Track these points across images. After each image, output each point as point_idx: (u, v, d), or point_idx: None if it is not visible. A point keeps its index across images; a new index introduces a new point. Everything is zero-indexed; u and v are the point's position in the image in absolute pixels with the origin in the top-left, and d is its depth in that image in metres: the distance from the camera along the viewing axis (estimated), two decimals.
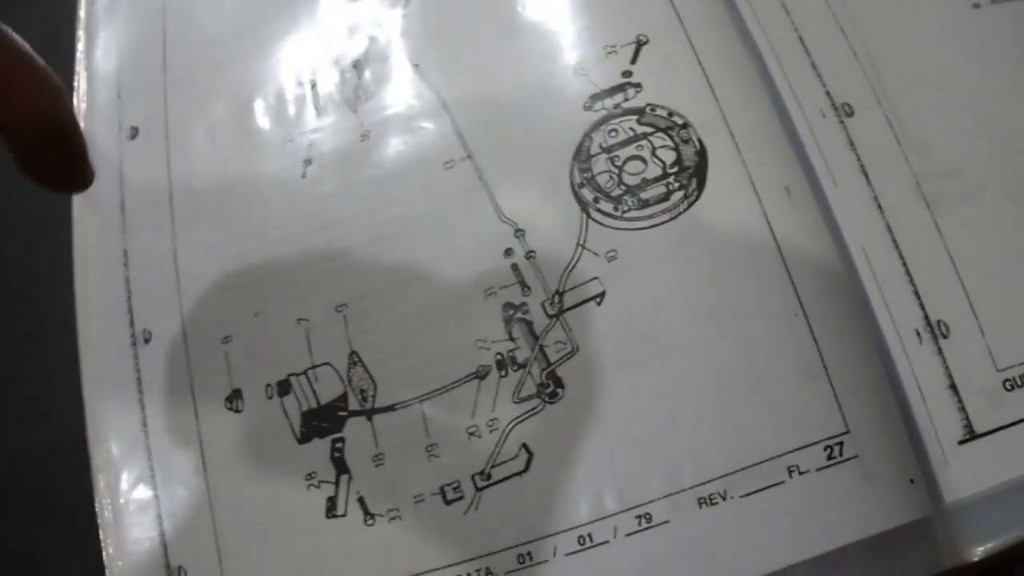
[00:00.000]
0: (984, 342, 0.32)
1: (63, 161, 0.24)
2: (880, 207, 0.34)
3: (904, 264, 0.33)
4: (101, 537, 0.33)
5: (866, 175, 0.34)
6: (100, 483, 0.34)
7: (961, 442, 0.31)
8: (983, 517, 0.31)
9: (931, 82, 0.35)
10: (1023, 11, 0.37)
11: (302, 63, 0.40)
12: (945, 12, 0.37)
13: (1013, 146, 0.34)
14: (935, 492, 0.30)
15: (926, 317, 0.32)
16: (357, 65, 0.39)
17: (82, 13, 0.44)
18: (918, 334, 0.32)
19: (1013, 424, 0.31)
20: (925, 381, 0.32)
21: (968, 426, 0.31)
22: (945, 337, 0.32)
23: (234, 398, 0.34)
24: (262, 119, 0.39)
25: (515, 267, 0.33)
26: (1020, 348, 0.32)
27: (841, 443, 0.30)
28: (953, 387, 0.31)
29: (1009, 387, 0.31)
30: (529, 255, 0.33)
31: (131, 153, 0.39)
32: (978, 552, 0.30)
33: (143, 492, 0.34)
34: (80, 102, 0.41)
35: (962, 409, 0.31)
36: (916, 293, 0.33)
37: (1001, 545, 0.30)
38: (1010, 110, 0.35)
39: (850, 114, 0.35)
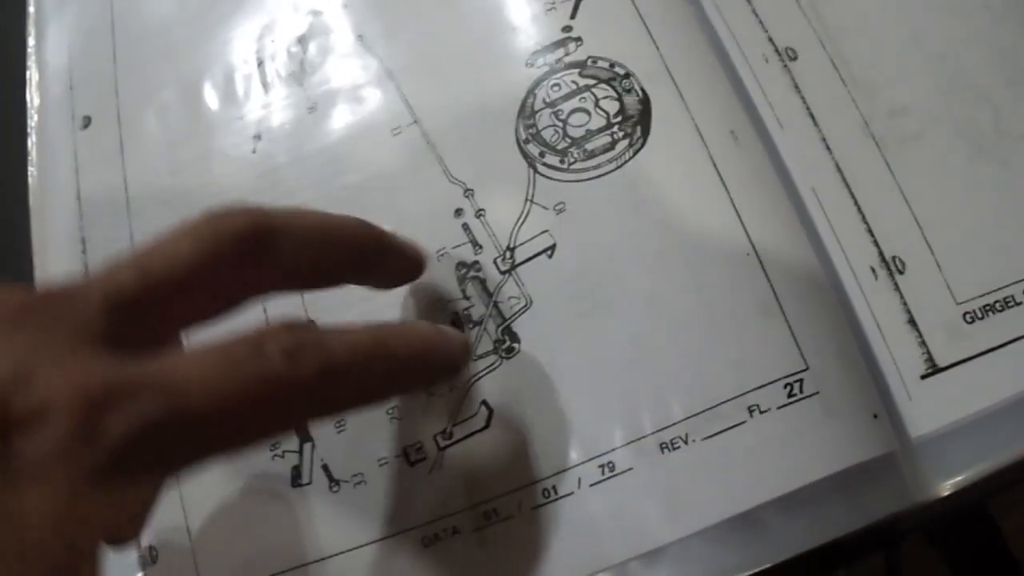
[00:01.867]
0: (941, 276, 0.32)
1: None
2: (828, 148, 0.34)
3: (856, 203, 0.33)
4: None
5: (812, 117, 0.34)
6: None
7: (924, 376, 0.31)
8: (950, 451, 0.30)
9: (875, 21, 0.35)
10: None
11: (248, 43, 0.40)
12: None
13: (959, 81, 0.34)
14: (900, 427, 0.30)
15: (880, 254, 0.32)
16: (302, 40, 0.39)
17: (32, 8, 0.44)
18: (873, 271, 0.32)
19: (975, 356, 0.31)
20: (883, 317, 0.32)
21: (930, 360, 0.31)
22: (901, 273, 0.32)
23: None
24: (211, 100, 0.39)
25: (466, 226, 0.33)
26: (978, 281, 0.32)
27: (801, 380, 0.30)
28: (912, 322, 0.31)
29: (969, 320, 0.31)
30: (479, 213, 0.33)
31: (84, 142, 0.39)
32: (947, 486, 0.30)
33: None
34: (33, 95, 0.42)
35: (923, 344, 0.31)
36: (869, 231, 0.32)
37: (970, 479, 0.30)
38: (954, 46, 0.35)
39: (794, 58, 0.35)
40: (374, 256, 0.27)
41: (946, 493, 0.30)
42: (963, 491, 0.30)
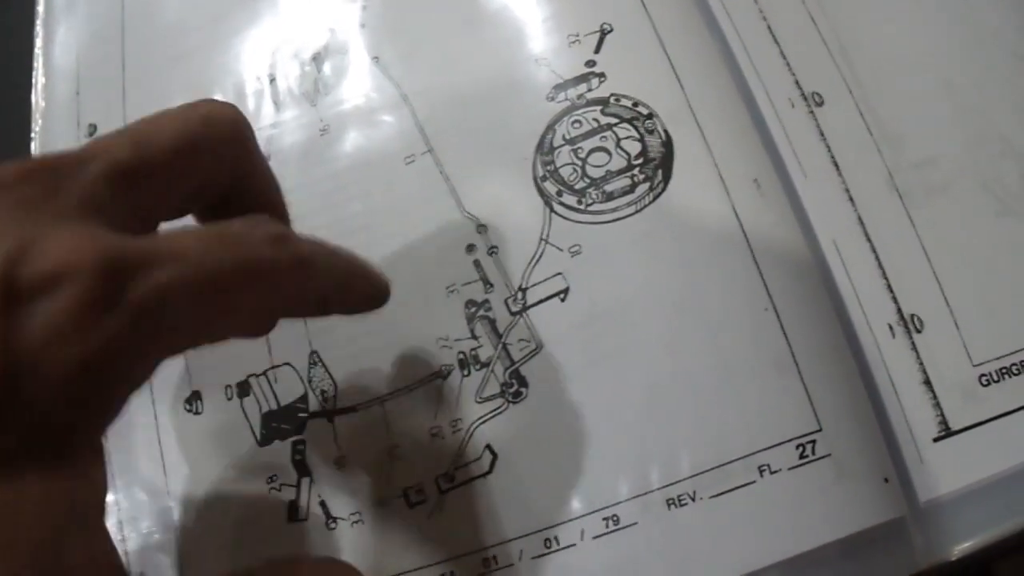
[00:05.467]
0: (959, 336, 0.31)
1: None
2: (851, 199, 0.33)
3: (876, 257, 0.32)
4: None
5: (837, 166, 0.33)
6: None
7: (936, 439, 0.30)
8: (960, 516, 0.30)
9: (904, 70, 0.35)
10: None
11: (261, 57, 0.39)
12: None
13: (987, 134, 0.34)
14: (910, 491, 0.30)
15: (899, 311, 0.31)
16: (316, 58, 0.38)
17: (40, 8, 0.43)
18: (891, 328, 0.31)
19: (989, 420, 0.30)
20: (899, 377, 0.31)
21: (943, 423, 0.30)
22: (919, 331, 0.31)
23: (193, 400, 0.33)
24: None
25: (477, 263, 0.33)
26: (996, 342, 0.31)
27: (814, 441, 0.29)
28: (927, 383, 0.31)
29: (985, 382, 0.31)
30: (491, 251, 0.33)
31: None
32: (955, 552, 0.30)
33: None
34: (38, 99, 0.41)
35: (937, 405, 0.31)
36: (889, 287, 0.32)
37: (979, 544, 0.30)
38: (984, 97, 0.34)
39: (820, 104, 0.34)
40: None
41: (954, 558, 0.29)
42: (970, 556, 0.30)
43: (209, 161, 0.24)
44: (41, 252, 0.18)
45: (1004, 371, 0.31)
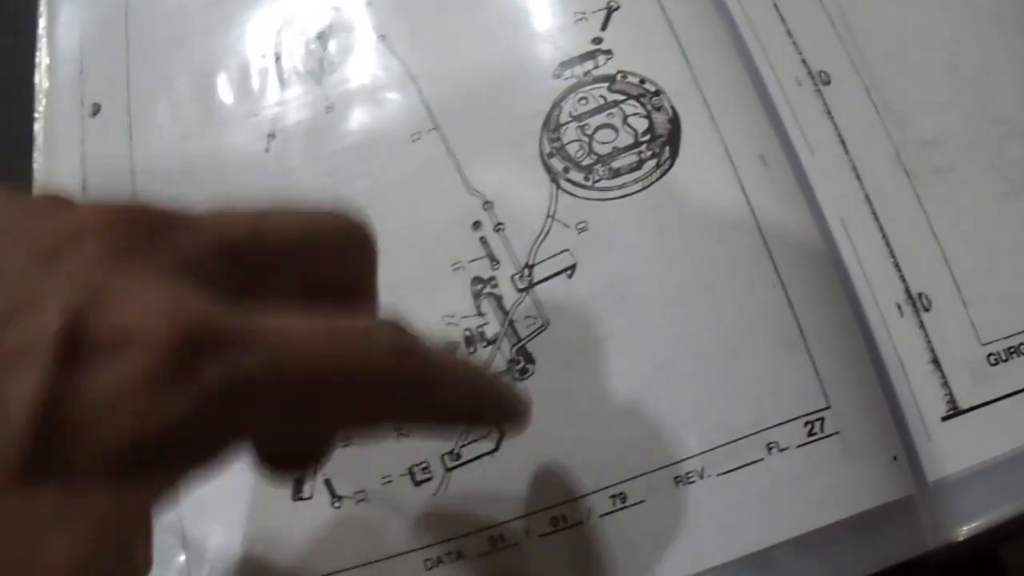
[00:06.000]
0: (967, 315, 0.31)
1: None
2: (859, 177, 0.33)
3: (884, 236, 0.32)
4: None
5: (844, 144, 0.33)
6: None
7: (944, 418, 0.30)
8: (968, 495, 0.30)
9: (910, 49, 0.35)
10: None
11: (266, 36, 0.39)
12: None
13: (993, 114, 0.34)
14: (918, 470, 0.30)
15: (907, 290, 0.31)
16: (321, 36, 0.38)
17: None
18: (899, 307, 0.31)
19: (998, 400, 0.30)
20: (907, 356, 0.31)
21: (952, 402, 0.30)
22: (927, 310, 0.31)
23: None
24: (225, 94, 0.38)
25: (483, 240, 0.33)
26: (1004, 321, 0.31)
27: (822, 419, 0.29)
28: (936, 362, 0.31)
29: (993, 361, 0.31)
30: (498, 227, 0.33)
31: (93, 131, 0.38)
32: (963, 531, 0.29)
33: None
34: (42, 79, 0.41)
35: (945, 384, 0.30)
36: (897, 265, 0.32)
37: (987, 524, 0.29)
38: (990, 78, 0.34)
39: (827, 82, 0.34)
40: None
41: (962, 538, 0.29)
42: (978, 536, 0.29)
43: (331, 266, 0.22)
44: (119, 305, 0.16)
45: (1012, 350, 0.31)
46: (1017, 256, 0.32)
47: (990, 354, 0.31)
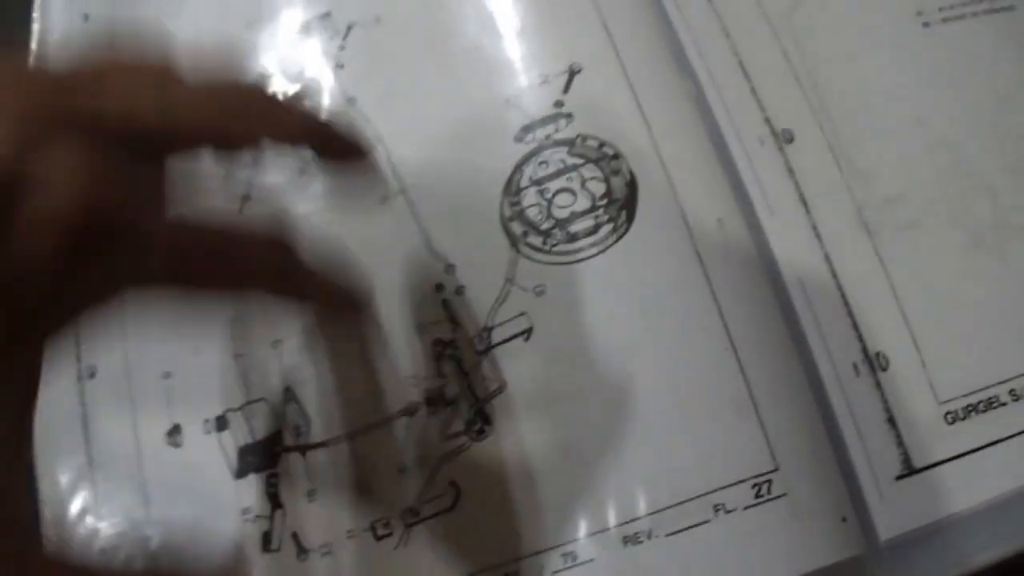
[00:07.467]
0: (925, 374, 0.31)
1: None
2: (819, 236, 0.33)
3: (843, 295, 0.32)
4: None
5: (805, 204, 0.33)
6: (47, 514, 0.35)
7: (898, 477, 0.31)
8: (922, 555, 0.30)
9: (877, 104, 0.35)
10: (975, 28, 0.36)
11: None
12: (893, 31, 0.36)
13: (959, 168, 0.34)
14: (869, 529, 0.30)
15: (864, 349, 0.32)
16: (296, 99, 0.39)
17: (34, 46, 0.44)
18: (855, 367, 0.32)
19: (954, 458, 0.31)
20: (862, 415, 0.31)
21: (906, 461, 0.31)
22: (884, 370, 0.31)
23: (174, 433, 0.34)
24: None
25: (445, 303, 0.33)
26: (963, 379, 0.31)
27: (770, 481, 0.30)
28: (891, 421, 0.31)
29: (951, 420, 0.31)
30: (459, 290, 0.33)
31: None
32: None
33: (89, 524, 0.34)
34: None
35: (900, 444, 0.31)
36: (854, 325, 0.32)
37: None
38: (957, 132, 0.34)
39: (790, 141, 0.34)
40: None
41: None
42: None
43: None
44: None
45: (971, 408, 0.31)
46: (979, 312, 0.32)
47: (947, 412, 0.31)
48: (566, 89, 0.35)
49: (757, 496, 0.30)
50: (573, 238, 0.33)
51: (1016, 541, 0.30)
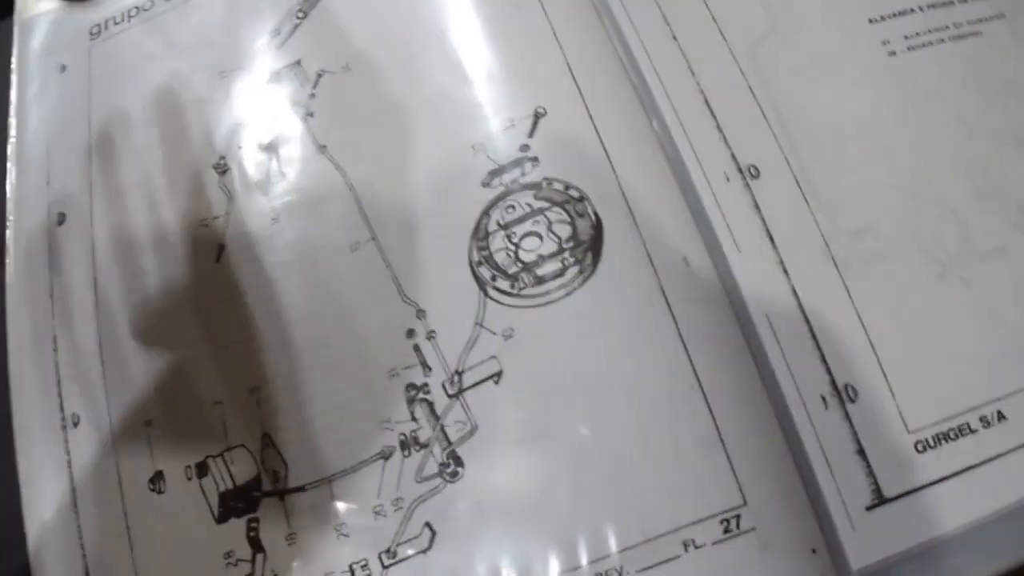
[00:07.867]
0: (895, 404, 0.32)
1: None
2: (786, 271, 0.33)
3: (811, 329, 0.33)
4: None
5: (771, 239, 0.34)
6: (34, 561, 0.35)
7: (869, 507, 0.31)
8: None
9: (844, 136, 0.35)
10: (941, 56, 0.36)
11: (216, 147, 0.40)
12: (859, 62, 0.36)
13: (927, 198, 0.34)
14: (841, 560, 0.30)
15: (832, 382, 0.32)
16: (268, 148, 0.39)
17: (14, 97, 0.44)
18: (824, 400, 0.32)
19: (924, 487, 0.31)
20: (831, 447, 0.32)
21: (877, 491, 0.31)
22: (853, 401, 0.32)
23: (157, 480, 0.35)
24: (178, 204, 0.39)
25: (417, 348, 0.34)
26: (933, 407, 0.32)
27: (738, 516, 0.30)
28: (861, 452, 0.31)
29: (921, 448, 0.31)
30: (430, 335, 0.34)
31: (59, 239, 0.40)
32: None
33: (75, 570, 0.35)
34: (13, 190, 0.42)
35: (871, 474, 0.31)
36: (823, 358, 0.32)
37: None
38: (924, 161, 0.34)
39: (756, 176, 0.34)
40: None
41: None
42: None
43: None
44: None
45: (940, 436, 0.31)
46: (947, 340, 0.32)
47: (918, 441, 0.31)
48: (531, 133, 0.35)
49: (726, 531, 0.30)
50: (540, 281, 0.33)
51: (990, 565, 0.31)
